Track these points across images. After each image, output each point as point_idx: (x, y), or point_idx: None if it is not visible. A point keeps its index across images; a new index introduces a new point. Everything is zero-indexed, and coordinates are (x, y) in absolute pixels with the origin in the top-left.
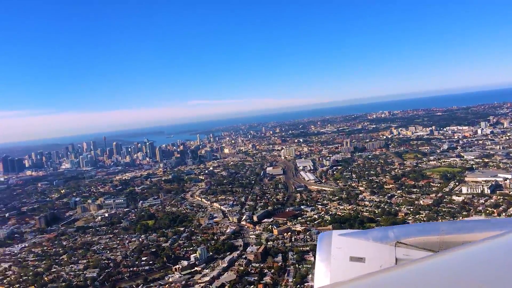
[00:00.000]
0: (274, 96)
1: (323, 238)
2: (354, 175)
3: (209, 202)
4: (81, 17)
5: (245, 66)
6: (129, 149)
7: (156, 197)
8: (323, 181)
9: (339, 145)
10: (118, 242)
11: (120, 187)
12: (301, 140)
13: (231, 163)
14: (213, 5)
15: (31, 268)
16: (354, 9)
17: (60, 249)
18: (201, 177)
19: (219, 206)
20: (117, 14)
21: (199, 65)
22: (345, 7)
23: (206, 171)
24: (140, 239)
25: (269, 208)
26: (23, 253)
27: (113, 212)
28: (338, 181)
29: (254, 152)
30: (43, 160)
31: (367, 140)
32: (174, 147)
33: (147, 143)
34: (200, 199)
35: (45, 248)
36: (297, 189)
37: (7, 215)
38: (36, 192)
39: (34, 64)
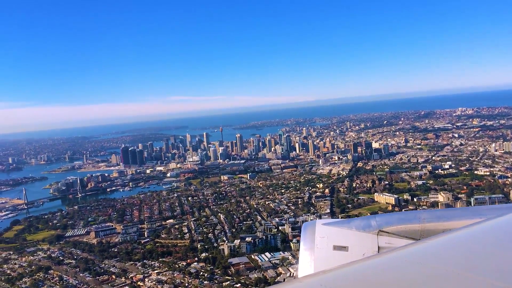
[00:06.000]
0: (252, 94)
1: (307, 227)
2: None
3: None
4: (65, 12)
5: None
6: (261, 141)
7: None
8: None
9: None
10: None
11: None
12: (455, 135)
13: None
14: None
15: None
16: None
17: None
18: (498, 172)
19: None
20: (105, 8)
21: (180, 62)
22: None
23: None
24: None
25: None
26: None
27: None
28: None
29: (419, 147)
30: (160, 152)
31: None
32: (306, 140)
33: (284, 135)
34: None
35: None
36: None
37: None
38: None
39: (15, 57)
